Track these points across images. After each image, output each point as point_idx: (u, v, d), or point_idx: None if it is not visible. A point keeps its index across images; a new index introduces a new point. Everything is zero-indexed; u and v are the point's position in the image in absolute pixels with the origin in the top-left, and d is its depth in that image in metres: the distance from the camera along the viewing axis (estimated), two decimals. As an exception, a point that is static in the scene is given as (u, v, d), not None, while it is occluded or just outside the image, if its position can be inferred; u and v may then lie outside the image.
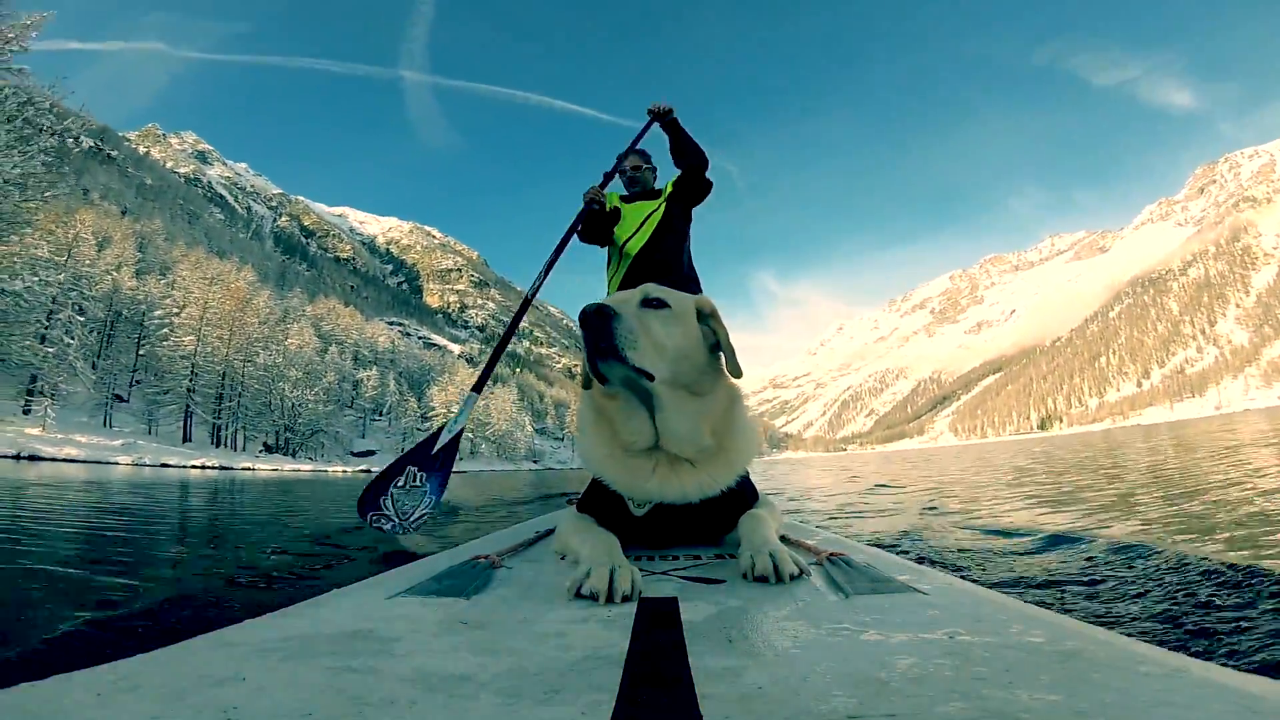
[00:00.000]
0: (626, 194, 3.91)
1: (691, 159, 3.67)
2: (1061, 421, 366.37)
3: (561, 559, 1.67)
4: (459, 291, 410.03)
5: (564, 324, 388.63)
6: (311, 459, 66.02)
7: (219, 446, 58.99)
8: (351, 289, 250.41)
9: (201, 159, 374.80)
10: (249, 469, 45.05)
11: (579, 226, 3.66)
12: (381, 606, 1.17)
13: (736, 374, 1.70)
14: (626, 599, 1.16)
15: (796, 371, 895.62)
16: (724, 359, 1.70)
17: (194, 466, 40.83)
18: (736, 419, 1.71)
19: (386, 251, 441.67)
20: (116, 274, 55.06)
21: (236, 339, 60.95)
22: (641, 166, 3.93)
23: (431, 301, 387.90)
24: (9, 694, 0.72)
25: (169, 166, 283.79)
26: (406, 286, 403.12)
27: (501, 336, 3.58)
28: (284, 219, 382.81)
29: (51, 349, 25.72)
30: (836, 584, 1.25)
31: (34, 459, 28.16)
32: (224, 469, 41.91)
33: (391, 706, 0.68)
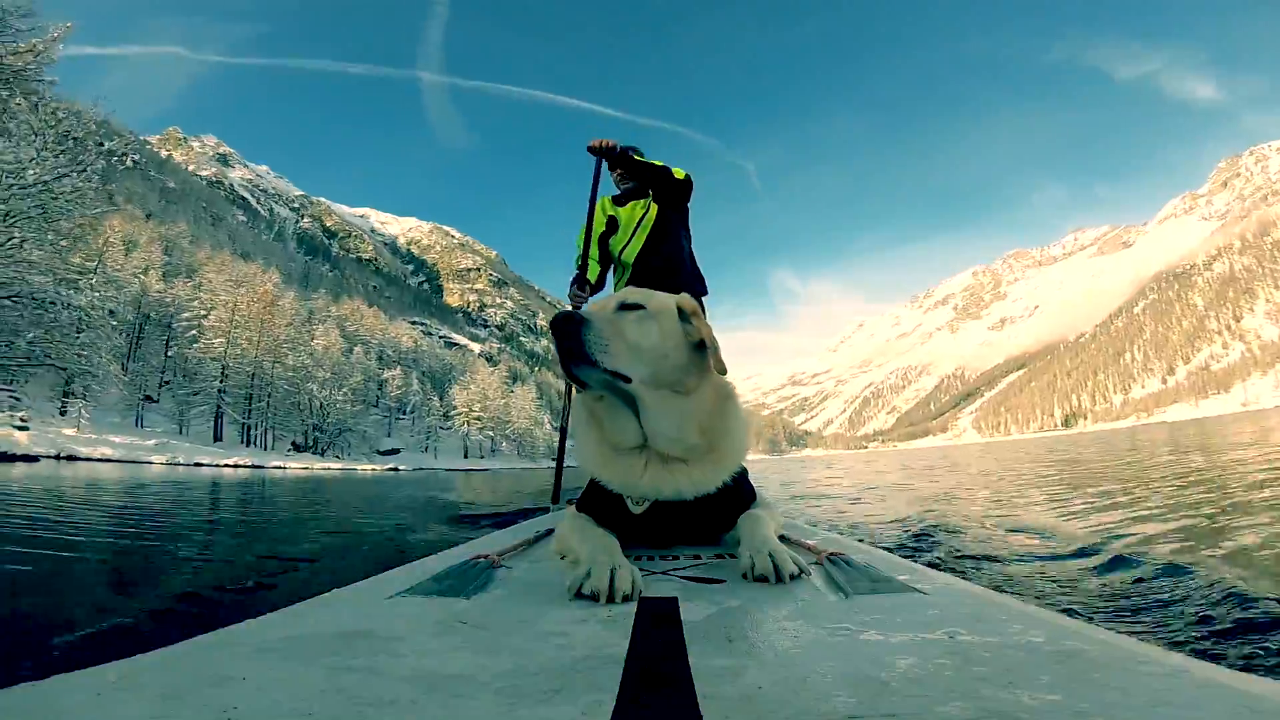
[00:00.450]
0: (619, 194, 3.85)
1: (652, 183, 3.64)
2: (1086, 419, 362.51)
3: (561, 559, 1.65)
4: (478, 291, 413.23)
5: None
6: (339, 457, 66.84)
7: (249, 446, 59.95)
8: (374, 289, 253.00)
9: (223, 162, 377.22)
10: (280, 468, 45.46)
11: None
12: (381, 606, 1.16)
13: (721, 371, 1.68)
14: (627, 599, 1.15)
15: (816, 369, 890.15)
16: (710, 357, 1.68)
17: (227, 465, 41.42)
18: (728, 416, 1.69)
19: (407, 252, 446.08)
20: (144, 277, 55.88)
21: (265, 340, 61.93)
22: (625, 163, 3.82)
23: (451, 301, 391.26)
24: (9, 694, 0.72)
25: (191, 170, 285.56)
26: (427, 286, 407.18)
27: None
28: (306, 220, 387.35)
29: (86, 353, 26.47)
30: (836, 584, 1.24)
31: (71, 459, 28.61)
32: (256, 467, 42.34)
33: (391, 706, 0.67)
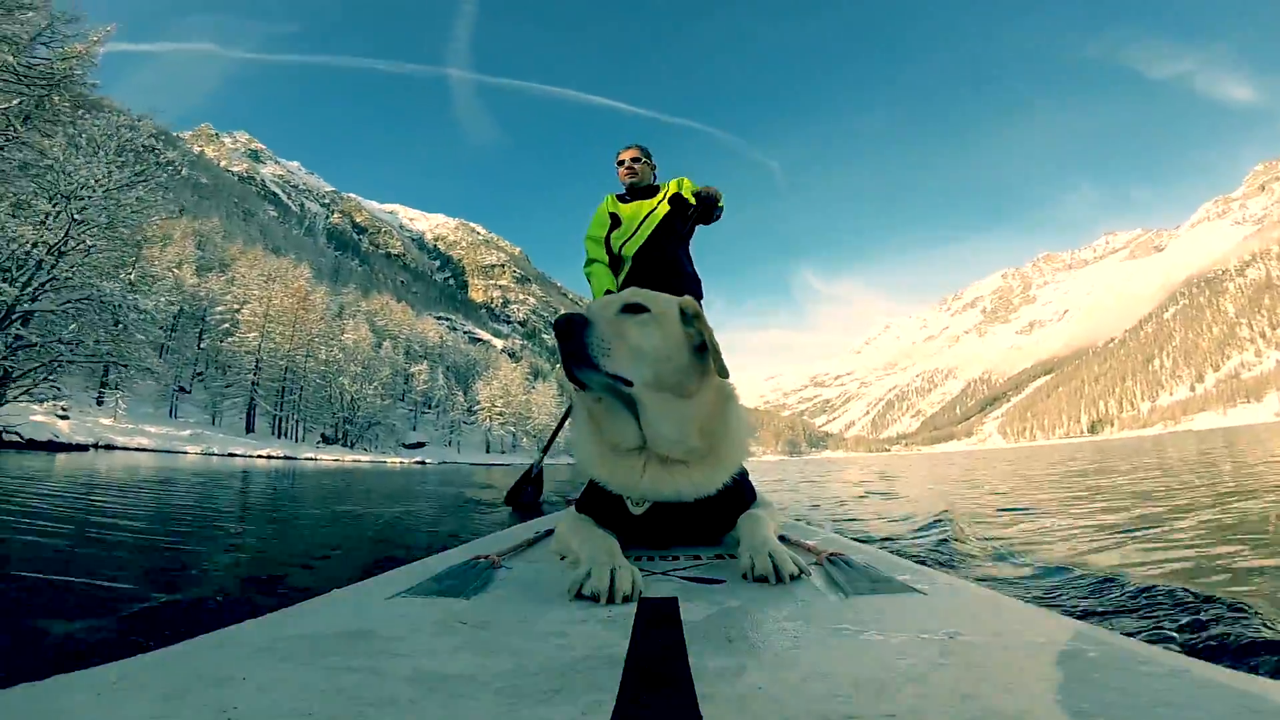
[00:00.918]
0: (624, 192, 3.81)
1: (710, 211, 3.68)
2: (1112, 426, 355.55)
3: (561, 559, 1.66)
4: (502, 287, 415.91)
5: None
6: (366, 450, 67.99)
7: (280, 437, 61.24)
8: (402, 284, 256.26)
9: (254, 158, 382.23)
10: (312, 459, 46.12)
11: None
12: (381, 606, 1.17)
13: (723, 374, 1.69)
14: (627, 599, 1.15)
15: (839, 370, 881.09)
16: (711, 359, 1.68)
17: (260, 456, 42.36)
18: (728, 418, 1.70)
19: (434, 248, 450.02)
20: (178, 271, 57.49)
21: (298, 335, 63.11)
22: (640, 159, 3.82)
23: (476, 297, 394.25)
24: (9, 694, 0.73)
25: (223, 166, 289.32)
26: (453, 282, 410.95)
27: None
28: (336, 216, 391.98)
29: (144, 352, 28.21)
30: (836, 584, 1.25)
31: (110, 448, 29.64)
32: (289, 459, 43.14)
33: (391, 706, 0.68)
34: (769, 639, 0.93)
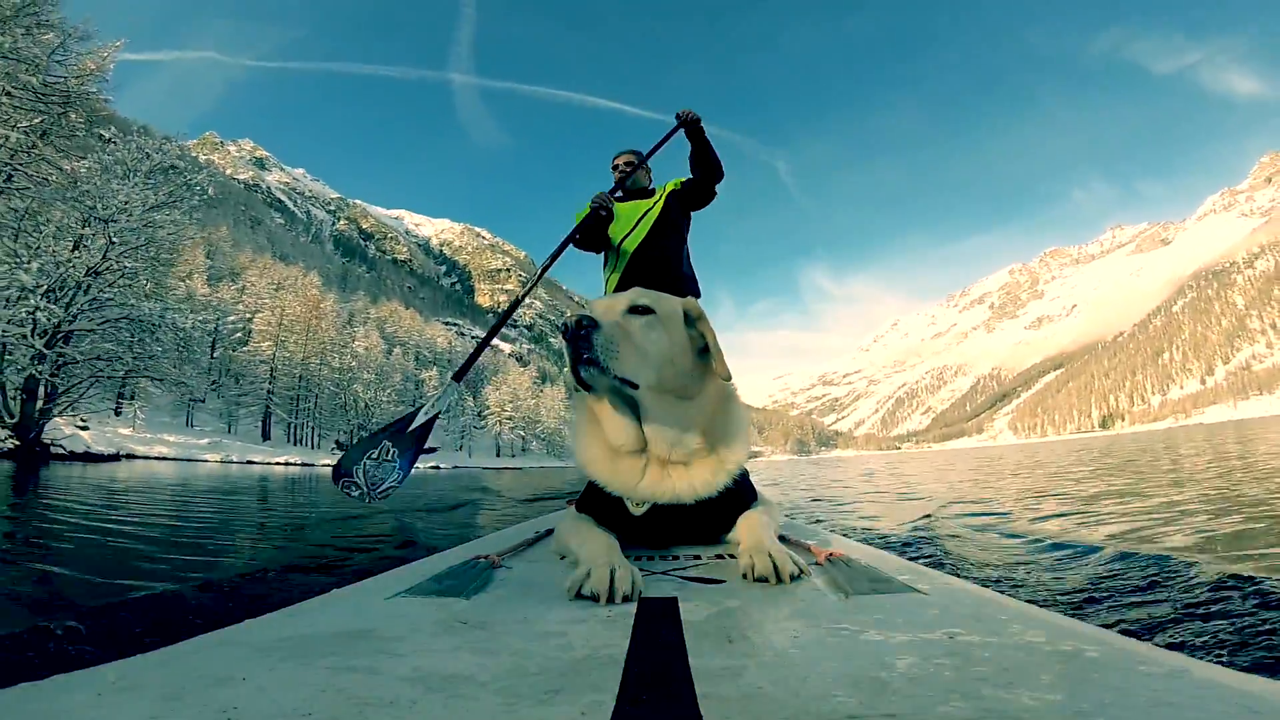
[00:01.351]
0: (619, 194, 3.82)
1: (710, 169, 3.64)
2: (1123, 420, 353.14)
3: (561, 559, 1.66)
4: (508, 291, 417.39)
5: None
6: (379, 455, 68.48)
7: (296, 444, 62.07)
8: (409, 290, 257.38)
9: (259, 165, 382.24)
10: (329, 465, 45.57)
11: (577, 235, 3.52)
12: (381, 606, 1.18)
13: (725, 376, 1.70)
14: (627, 599, 1.16)
15: (848, 368, 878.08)
16: (713, 361, 1.69)
17: (278, 463, 42.82)
18: (729, 419, 1.71)
19: (440, 253, 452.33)
20: (188, 281, 58.05)
21: (311, 343, 63.95)
22: (634, 164, 3.84)
23: (482, 301, 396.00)
24: (9, 694, 0.73)
25: (229, 173, 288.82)
26: (459, 287, 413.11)
27: (488, 331, 3.44)
28: (343, 222, 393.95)
29: (181, 368, 29.39)
30: (836, 584, 1.25)
31: (130, 458, 29.83)
32: (306, 465, 43.41)
33: (391, 706, 0.68)
34: (769, 639, 0.94)
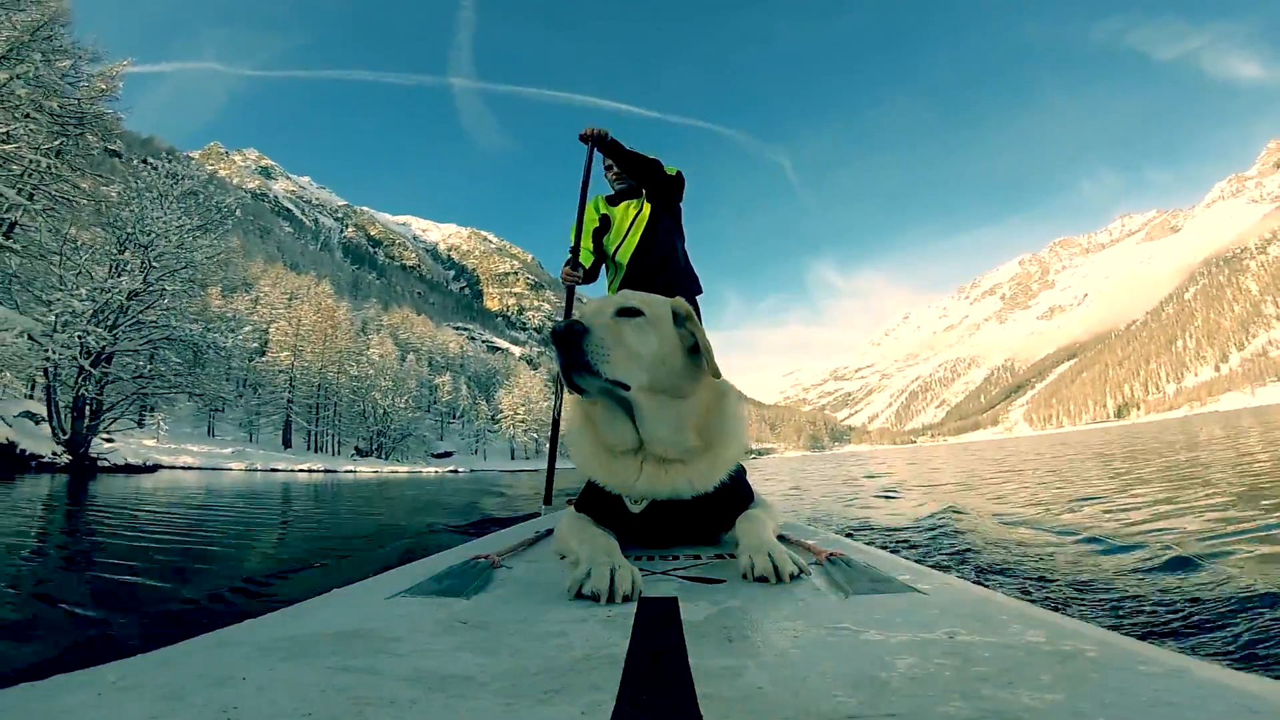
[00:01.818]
0: (613, 194, 3.84)
1: (639, 174, 3.61)
2: (1139, 409, 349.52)
3: (561, 559, 1.67)
4: (516, 294, 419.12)
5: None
6: (399, 461, 70.22)
7: (316, 451, 63.47)
8: (418, 295, 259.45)
9: (265, 174, 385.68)
10: (352, 471, 46.89)
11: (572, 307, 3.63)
12: (381, 606, 1.17)
13: (715, 374, 1.71)
14: (627, 599, 1.16)
15: (859, 363, 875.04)
16: (704, 360, 1.71)
17: (301, 470, 43.47)
18: (724, 416, 1.72)
19: (448, 257, 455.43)
20: (204, 293, 59.07)
21: (329, 352, 65.20)
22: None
23: (491, 305, 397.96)
24: (9, 694, 0.73)
25: (235, 184, 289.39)
26: (468, 291, 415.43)
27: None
28: (351, 230, 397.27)
29: (218, 383, 31.06)
30: (836, 584, 1.25)
31: (156, 468, 30.02)
32: (329, 472, 43.91)
33: (391, 706, 0.68)
34: (769, 639, 0.94)
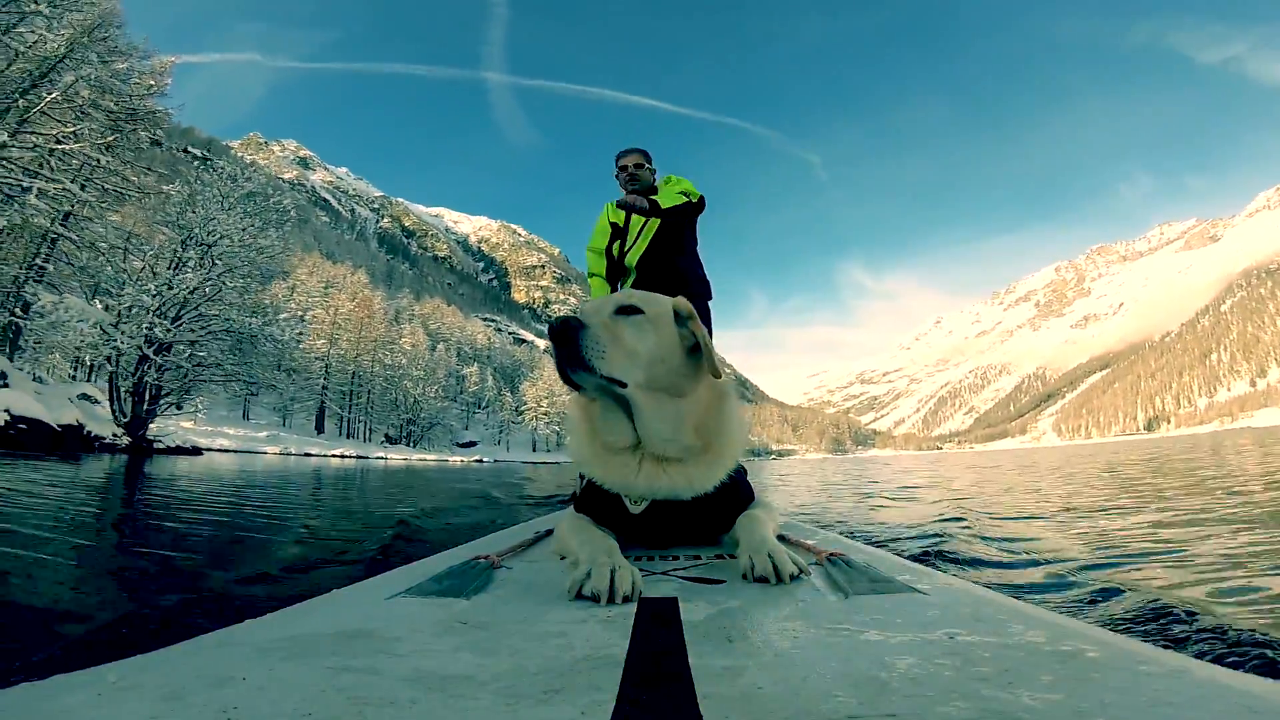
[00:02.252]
0: (622, 199, 3.82)
1: (682, 218, 3.70)
2: (1169, 423, 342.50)
3: (561, 559, 1.66)
4: (543, 287, 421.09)
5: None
6: (426, 449, 71.76)
7: (348, 438, 64.93)
8: (449, 286, 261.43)
9: (303, 165, 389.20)
10: (383, 459, 47.75)
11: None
12: (381, 606, 1.17)
13: (716, 374, 1.70)
14: (627, 599, 1.16)
15: (887, 367, 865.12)
16: (704, 360, 1.71)
17: (334, 456, 44.55)
18: (724, 416, 1.71)
19: (478, 249, 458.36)
20: (260, 288, 61.11)
21: (363, 341, 66.60)
22: (643, 165, 3.85)
23: (518, 297, 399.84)
24: (9, 694, 0.73)
25: (274, 173, 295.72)
26: (496, 283, 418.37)
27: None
28: (386, 220, 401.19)
29: (270, 373, 33.82)
30: (836, 584, 1.25)
31: (196, 451, 31.10)
32: (360, 458, 44.89)
33: (391, 706, 0.68)
34: (769, 639, 0.93)
